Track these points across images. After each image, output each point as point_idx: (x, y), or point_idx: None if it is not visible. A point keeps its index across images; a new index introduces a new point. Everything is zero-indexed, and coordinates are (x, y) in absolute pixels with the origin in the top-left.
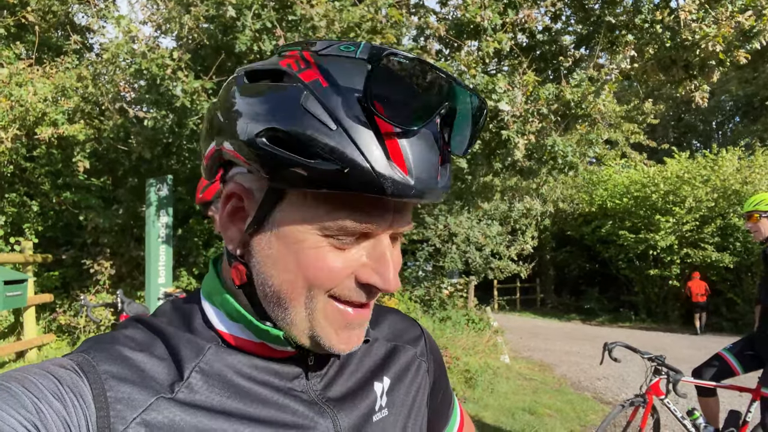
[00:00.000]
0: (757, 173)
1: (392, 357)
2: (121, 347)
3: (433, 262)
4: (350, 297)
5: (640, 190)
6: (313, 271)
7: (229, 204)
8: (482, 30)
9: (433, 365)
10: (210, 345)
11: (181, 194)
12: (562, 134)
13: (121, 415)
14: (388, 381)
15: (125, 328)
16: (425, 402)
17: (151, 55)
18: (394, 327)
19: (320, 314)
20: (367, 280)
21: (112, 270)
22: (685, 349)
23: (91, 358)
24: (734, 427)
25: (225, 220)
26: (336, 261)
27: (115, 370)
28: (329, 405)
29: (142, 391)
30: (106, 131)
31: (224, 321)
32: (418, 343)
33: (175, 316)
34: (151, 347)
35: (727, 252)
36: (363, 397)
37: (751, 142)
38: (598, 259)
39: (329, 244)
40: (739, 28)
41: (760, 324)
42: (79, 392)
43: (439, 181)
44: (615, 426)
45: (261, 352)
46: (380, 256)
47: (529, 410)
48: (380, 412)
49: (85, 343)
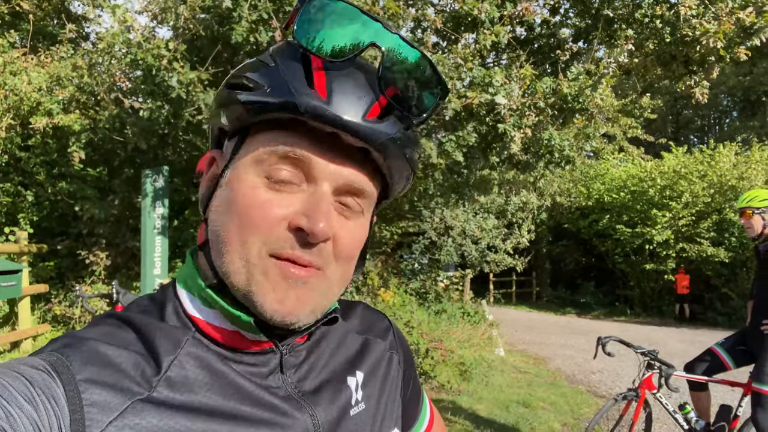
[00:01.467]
0: (754, 169)
1: (364, 350)
2: (96, 344)
3: (428, 255)
4: (284, 247)
5: (637, 185)
6: (244, 209)
7: (211, 168)
8: (480, 23)
9: (403, 357)
10: (187, 337)
11: (177, 185)
12: (559, 128)
13: (96, 418)
14: (362, 375)
15: (100, 323)
16: (399, 393)
17: (146, 46)
18: (364, 319)
19: (257, 269)
20: (297, 223)
21: (107, 261)
22: (678, 343)
23: (65, 358)
24: (725, 421)
25: (203, 185)
26: (268, 199)
27: (90, 370)
28: (305, 400)
29: (117, 393)
30: (101, 121)
31: (199, 308)
32: (387, 335)
33: (150, 307)
34: (127, 342)
35: (723, 247)
36: (338, 391)
37: (748, 137)
38: (594, 253)
39: (266, 185)
40: (740, 25)
41: (752, 319)
42: (52, 394)
43: (369, 120)
44: (608, 419)
45: (236, 343)
46: (315, 201)
47: (523, 403)
48: (357, 407)
49: (60, 340)
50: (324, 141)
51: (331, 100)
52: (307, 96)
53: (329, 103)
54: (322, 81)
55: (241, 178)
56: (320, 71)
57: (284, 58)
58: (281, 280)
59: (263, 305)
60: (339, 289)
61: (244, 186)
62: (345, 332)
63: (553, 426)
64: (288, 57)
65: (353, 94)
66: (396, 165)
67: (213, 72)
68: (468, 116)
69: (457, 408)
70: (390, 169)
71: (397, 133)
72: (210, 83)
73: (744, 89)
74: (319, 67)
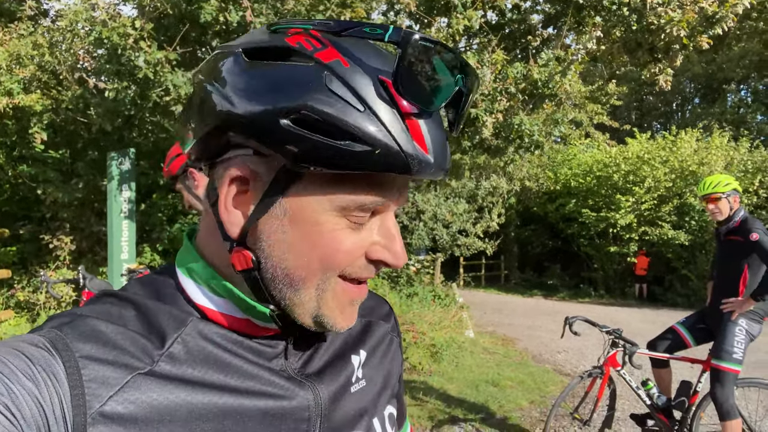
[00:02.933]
0: (714, 155)
1: (367, 332)
2: (96, 322)
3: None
4: (360, 275)
5: (602, 170)
6: (331, 253)
7: (233, 186)
8: (452, 7)
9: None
10: (192, 318)
11: (144, 168)
12: (529, 113)
13: (96, 393)
14: (365, 354)
15: (99, 302)
16: (401, 374)
17: (111, 24)
18: (366, 303)
19: (330, 294)
20: (379, 257)
21: (72, 245)
22: (639, 323)
23: (64, 335)
24: (685, 396)
25: (227, 204)
26: (352, 242)
27: (90, 346)
28: (308, 379)
29: (117, 368)
30: (64, 102)
31: (207, 296)
32: (389, 319)
33: (151, 289)
34: (126, 320)
35: (683, 230)
36: (341, 369)
37: (709, 124)
38: (560, 237)
39: (346, 225)
40: (703, 14)
41: (712, 299)
42: (52, 371)
43: (449, 158)
44: (573, 396)
45: (243, 328)
46: (388, 231)
47: (492, 382)
48: (358, 384)
49: (58, 318)
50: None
51: (431, 153)
52: (415, 154)
53: (431, 155)
54: (418, 131)
55: (317, 221)
56: (413, 120)
57: (374, 101)
58: (348, 305)
59: (334, 326)
60: None
61: (325, 230)
62: None
63: (520, 404)
64: (377, 99)
65: (441, 140)
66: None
67: (181, 52)
68: None
69: (428, 388)
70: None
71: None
72: (178, 63)
73: (707, 76)
74: (410, 113)
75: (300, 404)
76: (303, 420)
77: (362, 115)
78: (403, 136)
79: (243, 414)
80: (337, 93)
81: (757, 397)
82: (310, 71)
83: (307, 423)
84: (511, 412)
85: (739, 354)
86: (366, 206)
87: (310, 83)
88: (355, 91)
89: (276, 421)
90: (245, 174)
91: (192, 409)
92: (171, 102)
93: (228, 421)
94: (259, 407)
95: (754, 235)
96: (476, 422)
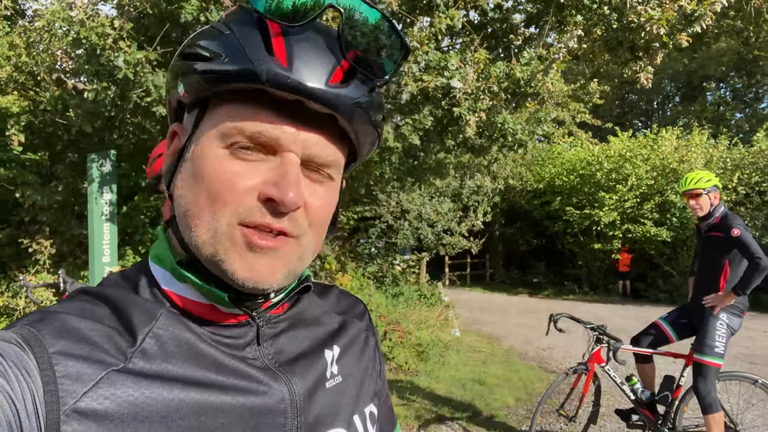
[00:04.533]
0: (694, 152)
1: (341, 329)
2: (69, 317)
3: (385, 239)
4: (254, 217)
5: (585, 168)
6: (213, 183)
7: (172, 144)
8: (435, 6)
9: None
10: (162, 310)
11: (125, 170)
12: (512, 112)
13: (70, 389)
14: (338, 349)
15: (73, 299)
16: (378, 373)
17: (90, 24)
18: (340, 301)
19: (224, 237)
20: (266, 193)
21: (52, 249)
22: (623, 319)
23: (37, 331)
24: (668, 391)
25: (166, 160)
26: (236, 171)
27: (63, 343)
28: (282, 370)
29: (91, 365)
30: (42, 103)
31: (172, 282)
32: (363, 317)
33: (123, 282)
34: (100, 316)
35: (665, 227)
36: (314, 362)
37: (689, 122)
38: (545, 235)
39: (231, 155)
40: (681, 12)
41: (694, 295)
42: (24, 367)
43: (333, 85)
44: (559, 393)
45: (211, 316)
46: (283, 171)
47: (478, 381)
48: (333, 380)
49: (31, 315)
50: (288, 109)
51: (292, 66)
52: (266, 63)
53: (290, 69)
54: (281, 47)
55: (207, 151)
56: (278, 37)
57: (240, 25)
58: (247, 250)
59: (233, 273)
60: (312, 254)
61: (211, 159)
62: (322, 310)
63: (507, 401)
64: (244, 23)
65: (315, 59)
66: (363, 129)
67: (162, 52)
68: (424, 100)
69: (415, 388)
70: (357, 133)
71: (361, 97)
72: (159, 64)
73: (687, 74)
74: (278, 32)
75: (276, 397)
76: (279, 413)
77: (224, 35)
78: (258, 49)
79: (219, 408)
80: (215, 27)
81: (738, 390)
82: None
83: (283, 416)
84: (498, 410)
85: (721, 348)
86: (246, 132)
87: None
88: (228, 22)
89: (253, 414)
90: (177, 128)
91: (168, 405)
92: (152, 103)
93: (205, 416)
94: (235, 401)
95: (735, 231)
96: (463, 421)
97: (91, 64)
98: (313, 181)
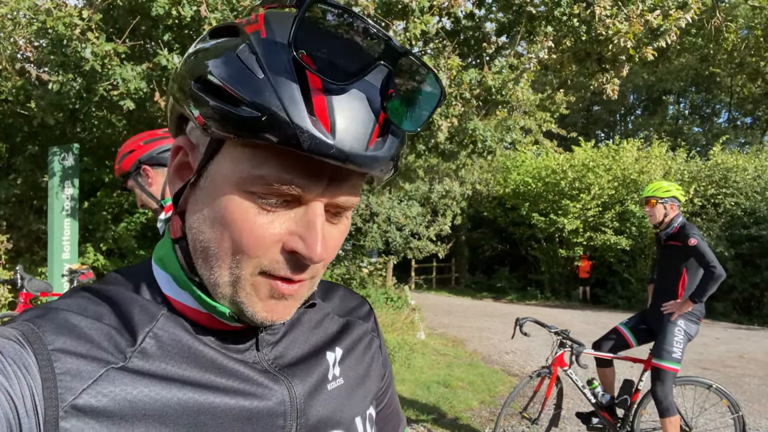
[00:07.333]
0: (653, 164)
1: (345, 331)
2: (69, 315)
3: (353, 241)
4: (278, 270)
5: (550, 176)
6: (236, 232)
7: (177, 158)
8: (410, 11)
9: (381, 343)
10: (162, 311)
11: (88, 164)
12: (483, 119)
13: (69, 386)
14: (341, 351)
15: (74, 296)
16: (380, 375)
17: (57, 13)
18: (346, 302)
19: (247, 283)
20: (293, 247)
21: (9, 244)
22: (582, 324)
23: (37, 328)
24: (627, 394)
25: (171, 175)
26: (261, 223)
27: (63, 340)
28: (282, 373)
29: (91, 362)
30: (3, 93)
31: (172, 287)
32: (369, 318)
33: (124, 282)
34: (100, 315)
35: (624, 236)
36: (315, 365)
37: (650, 134)
38: (509, 241)
39: (256, 205)
40: (648, 26)
41: (653, 301)
42: (23, 363)
43: (372, 148)
44: (522, 396)
45: (209, 324)
46: (308, 223)
47: (443, 383)
48: (334, 381)
49: (31, 312)
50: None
51: (335, 132)
52: (308, 129)
53: (333, 136)
54: (322, 107)
55: (227, 196)
56: (320, 95)
57: (276, 70)
58: (269, 297)
59: (253, 315)
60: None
61: (232, 206)
62: (324, 313)
63: (471, 404)
64: (279, 66)
65: (356, 122)
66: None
67: (130, 45)
68: None
69: None
70: (379, 176)
71: (394, 152)
72: (127, 56)
73: (648, 88)
74: (318, 88)
75: (276, 399)
76: (279, 415)
77: (260, 81)
78: (299, 109)
79: (218, 409)
80: (242, 60)
81: (693, 395)
82: (231, 43)
83: (283, 418)
84: (462, 412)
85: (678, 354)
86: (272, 185)
87: (225, 53)
88: (261, 60)
89: (253, 416)
90: (185, 144)
91: (167, 404)
92: (119, 96)
93: (203, 416)
94: (234, 402)
95: (692, 241)
96: (428, 423)
97: (56, 54)
98: (333, 224)
